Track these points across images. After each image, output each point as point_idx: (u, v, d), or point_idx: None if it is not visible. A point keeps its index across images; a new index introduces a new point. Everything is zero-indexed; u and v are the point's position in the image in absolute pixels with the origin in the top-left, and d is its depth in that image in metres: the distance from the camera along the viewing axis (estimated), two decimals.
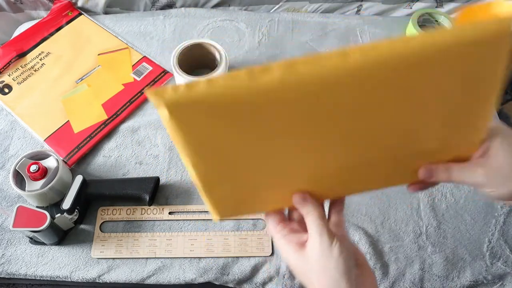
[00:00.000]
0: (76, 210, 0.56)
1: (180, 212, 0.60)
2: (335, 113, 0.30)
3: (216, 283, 0.56)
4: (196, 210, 0.60)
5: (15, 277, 0.56)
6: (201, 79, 0.26)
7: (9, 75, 0.71)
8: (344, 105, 0.30)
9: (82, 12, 0.80)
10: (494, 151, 0.32)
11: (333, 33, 0.80)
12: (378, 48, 0.27)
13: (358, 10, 0.84)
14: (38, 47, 0.75)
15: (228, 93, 0.26)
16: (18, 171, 0.57)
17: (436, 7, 0.83)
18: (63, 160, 0.62)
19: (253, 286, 0.56)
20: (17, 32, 0.79)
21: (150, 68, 0.73)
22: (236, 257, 0.57)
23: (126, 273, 0.56)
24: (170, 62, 0.66)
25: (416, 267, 0.57)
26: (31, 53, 0.74)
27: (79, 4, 0.80)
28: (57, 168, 0.57)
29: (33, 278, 0.56)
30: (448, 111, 0.32)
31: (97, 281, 0.56)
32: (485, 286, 0.57)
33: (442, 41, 0.27)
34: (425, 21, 0.81)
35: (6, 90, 0.70)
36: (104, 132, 0.66)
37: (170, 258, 0.57)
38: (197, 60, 0.70)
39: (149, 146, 0.66)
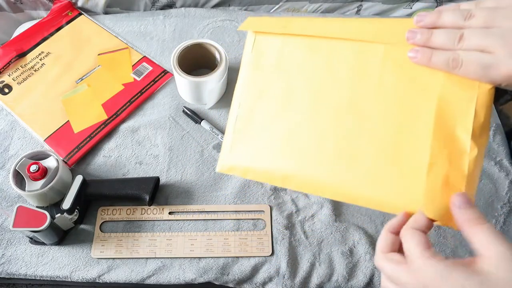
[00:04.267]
0: (76, 210, 0.56)
1: (180, 212, 0.60)
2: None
3: (216, 283, 0.56)
4: (196, 210, 0.60)
5: (15, 277, 0.56)
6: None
7: (9, 75, 0.71)
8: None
9: (82, 12, 0.80)
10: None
11: None
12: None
13: (358, 10, 0.84)
14: (38, 47, 0.75)
15: None
16: (18, 171, 0.57)
17: (436, 7, 0.83)
18: (63, 160, 0.62)
19: (253, 286, 0.56)
20: (17, 32, 0.79)
21: (150, 68, 0.73)
22: (236, 257, 0.57)
23: (126, 273, 0.56)
24: (170, 62, 0.66)
25: None
26: (31, 53, 0.74)
27: (79, 4, 0.80)
28: (57, 168, 0.57)
29: (33, 278, 0.56)
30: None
31: (97, 281, 0.56)
32: None
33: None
34: None
35: (6, 90, 0.70)
36: (104, 132, 0.66)
37: (170, 258, 0.57)
38: (197, 60, 0.70)
39: (149, 146, 0.66)
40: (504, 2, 0.34)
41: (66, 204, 0.55)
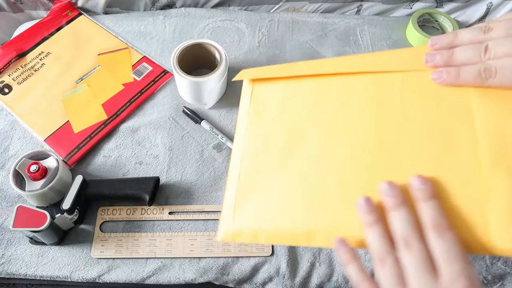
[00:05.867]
0: (76, 210, 0.56)
1: (180, 212, 0.60)
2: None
3: (216, 283, 0.56)
4: (196, 210, 0.60)
5: (15, 277, 0.56)
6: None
7: (9, 75, 0.71)
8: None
9: (82, 12, 0.80)
10: None
11: (333, 33, 0.80)
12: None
13: (358, 10, 0.84)
14: (38, 47, 0.75)
15: None
16: (18, 171, 0.57)
17: (436, 7, 0.83)
18: (63, 160, 0.62)
19: (253, 286, 0.56)
20: (17, 32, 0.79)
21: (150, 68, 0.73)
22: (236, 257, 0.57)
23: (126, 273, 0.56)
24: (170, 62, 0.66)
25: None
26: (31, 53, 0.74)
27: (79, 4, 0.80)
28: (57, 168, 0.57)
29: (33, 278, 0.56)
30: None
31: (97, 281, 0.56)
32: (485, 286, 0.57)
33: None
34: (425, 21, 0.81)
35: (6, 90, 0.70)
36: (104, 132, 0.66)
37: (170, 258, 0.57)
38: (197, 60, 0.70)
39: (149, 146, 0.66)
40: None
41: (66, 204, 0.55)
